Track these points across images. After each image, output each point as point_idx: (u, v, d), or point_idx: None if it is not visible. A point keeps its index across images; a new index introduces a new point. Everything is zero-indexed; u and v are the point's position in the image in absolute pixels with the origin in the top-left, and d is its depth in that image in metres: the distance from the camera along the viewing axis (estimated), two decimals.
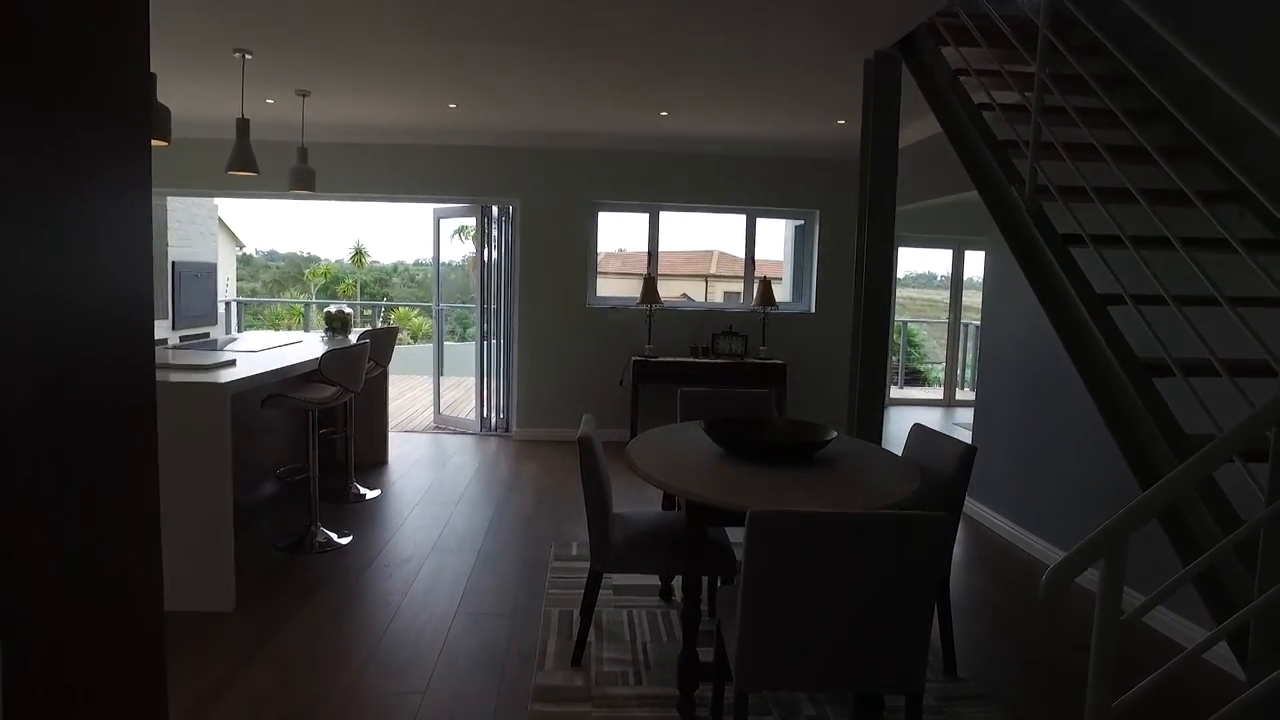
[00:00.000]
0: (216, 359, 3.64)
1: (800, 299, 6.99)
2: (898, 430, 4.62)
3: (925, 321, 13.95)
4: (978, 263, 7.50)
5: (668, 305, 6.58)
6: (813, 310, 6.79)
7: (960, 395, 8.92)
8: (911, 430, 3.02)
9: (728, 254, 15.64)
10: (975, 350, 8.36)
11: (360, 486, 4.85)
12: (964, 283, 8.81)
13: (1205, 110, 2.51)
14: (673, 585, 3.35)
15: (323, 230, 53.13)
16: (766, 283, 6.40)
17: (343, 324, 5.23)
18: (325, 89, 4.80)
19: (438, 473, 5.49)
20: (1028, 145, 2.75)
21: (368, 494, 4.80)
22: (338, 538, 3.95)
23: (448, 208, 7.03)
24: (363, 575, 3.56)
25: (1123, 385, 2.25)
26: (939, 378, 10.02)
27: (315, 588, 3.38)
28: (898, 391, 9.63)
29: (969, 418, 5.21)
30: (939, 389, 9.53)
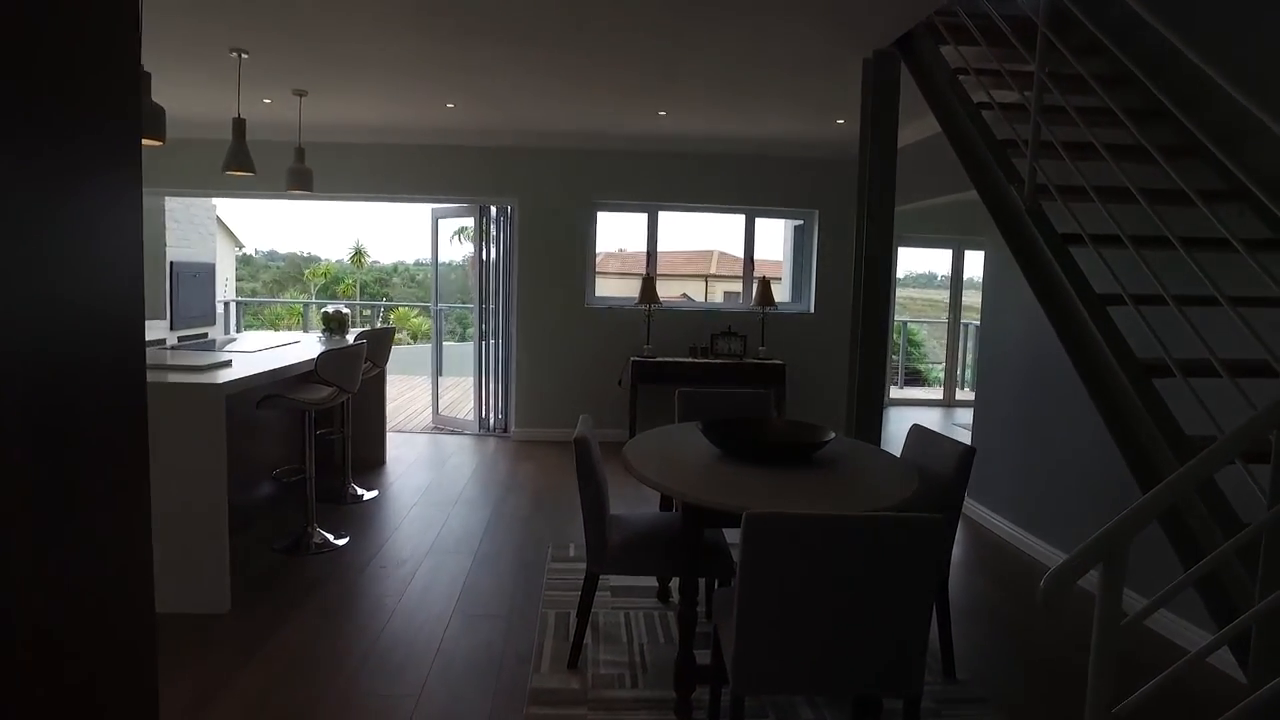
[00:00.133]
0: (212, 359, 3.63)
1: (800, 299, 6.97)
2: (897, 430, 4.61)
3: (925, 321, 13.94)
4: (978, 263, 7.48)
5: (666, 305, 6.56)
6: (812, 310, 6.77)
7: (960, 395, 8.90)
8: (910, 431, 3.01)
9: (728, 254, 15.63)
10: (975, 350, 8.35)
11: (357, 487, 4.84)
12: (964, 283, 8.80)
13: (1205, 109, 2.49)
14: (670, 587, 3.33)
15: (323, 230, 53.24)
16: (765, 282, 6.38)
17: (340, 324, 5.22)
18: (322, 89, 4.79)
19: (436, 473, 5.48)
20: (1027, 144, 2.73)
21: (365, 495, 4.79)
22: (335, 539, 3.94)
23: (446, 207, 7.01)
24: (360, 576, 3.54)
25: (1122, 386, 2.23)
26: (939, 378, 10.00)
27: (312, 589, 3.36)
28: (898, 391, 9.62)
29: (969, 418, 5.20)
30: (939, 389, 9.52)
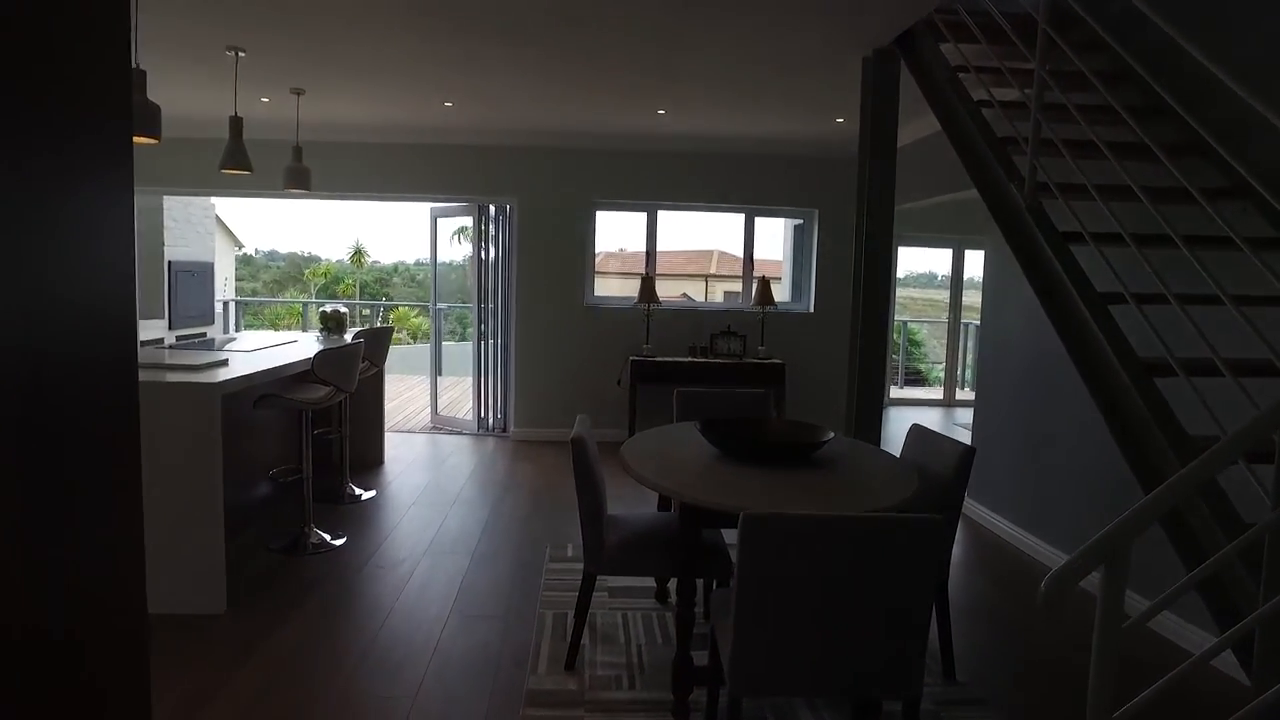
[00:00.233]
0: (209, 358, 3.61)
1: (799, 298, 6.95)
2: (897, 430, 4.59)
3: (925, 321, 13.92)
4: (978, 262, 7.47)
5: (666, 305, 6.54)
6: (812, 310, 6.75)
7: (960, 395, 8.88)
8: (910, 430, 2.99)
9: (728, 253, 15.59)
10: (975, 350, 8.33)
11: (355, 487, 4.82)
12: (964, 282, 8.78)
13: (1208, 106, 2.48)
14: (668, 588, 3.31)
15: (323, 231, 53.29)
16: (765, 282, 6.36)
17: (338, 324, 5.21)
18: (320, 88, 4.77)
19: (434, 473, 5.46)
20: (1027, 142, 2.72)
21: (363, 495, 4.77)
22: (332, 539, 3.92)
23: (445, 207, 6.99)
24: (357, 577, 3.53)
25: (1124, 385, 2.21)
26: (939, 377, 9.98)
27: (309, 589, 3.34)
28: (898, 391, 9.60)
29: (969, 418, 5.18)
30: (939, 389, 9.50)
